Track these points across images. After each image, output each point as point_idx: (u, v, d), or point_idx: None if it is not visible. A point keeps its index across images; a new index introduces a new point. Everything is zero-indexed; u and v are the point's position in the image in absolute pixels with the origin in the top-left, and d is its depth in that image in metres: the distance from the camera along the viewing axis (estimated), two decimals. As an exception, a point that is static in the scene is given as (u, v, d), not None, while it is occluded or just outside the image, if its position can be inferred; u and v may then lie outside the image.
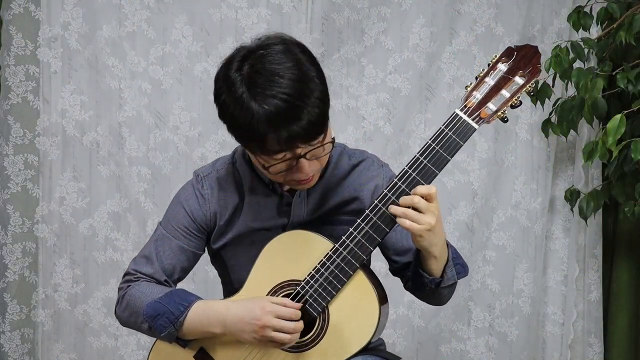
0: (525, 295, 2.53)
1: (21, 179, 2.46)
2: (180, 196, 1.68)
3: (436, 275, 1.54)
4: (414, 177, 1.45)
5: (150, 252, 1.65)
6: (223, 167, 1.67)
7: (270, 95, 1.38)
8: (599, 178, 2.44)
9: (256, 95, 1.38)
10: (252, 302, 1.51)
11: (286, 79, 1.38)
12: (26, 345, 2.51)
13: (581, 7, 2.29)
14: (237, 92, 1.41)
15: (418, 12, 2.47)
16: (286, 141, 1.40)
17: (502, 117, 1.46)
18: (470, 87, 1.47)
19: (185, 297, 1.58)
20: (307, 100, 1.39)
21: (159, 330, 1.56)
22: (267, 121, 1.38)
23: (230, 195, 1.64)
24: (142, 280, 1.64)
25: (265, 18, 2.47)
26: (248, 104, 1.39)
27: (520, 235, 2.52)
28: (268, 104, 1.37)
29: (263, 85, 1.38)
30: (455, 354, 2.56)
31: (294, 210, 1.60)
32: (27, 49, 2.43)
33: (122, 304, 1.63)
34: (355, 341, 1.51)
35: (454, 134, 1.44)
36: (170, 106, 2.48)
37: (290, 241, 1.56)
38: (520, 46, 1.47)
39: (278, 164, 1.45)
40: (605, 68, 2.24)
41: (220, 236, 1.65)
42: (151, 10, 2.46)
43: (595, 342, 2.49)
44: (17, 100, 2.44)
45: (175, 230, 1.64)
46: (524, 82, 1.44)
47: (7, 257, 2.46)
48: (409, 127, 2.51)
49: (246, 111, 1.39)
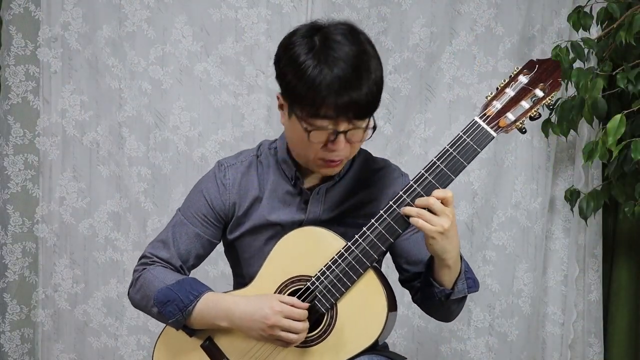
0: (525, 295, 2.53)
1: (21, 179, 2.47)
2: (201, 184, 1.71)
3: (447, 287, 1.54)
4: (429, 181, 1.48)
5: (167, 237, 1.69)
6: (247, 159, 1.69)
7: (339, 58, 1.43)
8: (599, 178, 2.44)
9: (325, 59, 1.43)
10: (262, 300, 1.53)
11: (352, 51, 1.45)
12: (26, 345, 2.51)
13: (581, 7, 2.29)
14: (302, 55, 1.45)
15: (418, 12, 2.47)
16: (342, 107, 1.44)
17: (521, 127, 1.50)
18: (490, 96, 1.50)
19: (196, 286, 1.60)
20: (369, 75, 1.45)
21: (167, 316, 1.58)
22: (333, 83, 1.42)
23: (250, 187, 1.66)
24: (157, 264, 1.67)
25: (265, 18, 2.47)
26: (315, 66, 1.44)
27: (520, 235, 2.52)
28: (338, 68, 1.43)
29: (331, 52, 1.44)
30: (455, 354, 2.56)
31: (311, 207, 1.62)
32: (27, 49, 2.43)
33: (136, 286, 1.67)
34: (362, 340, 1.51)
35: (472, 141, 1.48)
36: (170, 106, 2.48)
37: (303, 237, 1.57)
38: (542, 60, 1.50)
39: (320, 130, 1.47)
40: (605, 68, 2.24)
41: (237, 227, 1.67)
42: (151, 10, 2.46)
43: (595, 342, 2.49)
44: (17, 100, 2.44)
45: (193, 217, 1.67)
46: (544, 95, 1.48)
47: (7, 257, 2.46)
48: (409, 127, 2.51)
49: (315, 69, 1.43)
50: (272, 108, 2.50)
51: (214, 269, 2.46)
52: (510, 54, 2.48)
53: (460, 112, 2.50)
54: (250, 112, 2.50)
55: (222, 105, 2.49)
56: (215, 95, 2.49)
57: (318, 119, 1.46)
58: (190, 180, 2.47)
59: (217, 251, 1.80)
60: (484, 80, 2.49)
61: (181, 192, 2.48)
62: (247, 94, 2.49)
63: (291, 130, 1.55)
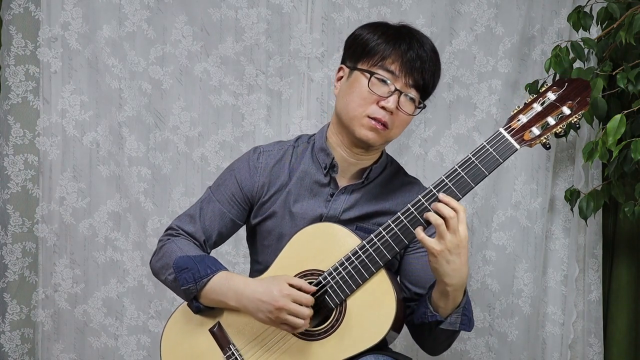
0: (525, 295, 2.53)
1: (21, 179, 2.47)
2: (233, 165, 1.77)
3: (440, 314, 1.55)
4: (449, 187, 1.50)
5: (195, 211, 1.75)
6: (283, 148, 1.75)
7: (411, 24, 1.69)
8: (599, 178, 2.44)
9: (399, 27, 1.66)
10: (271, 282, 1.55)
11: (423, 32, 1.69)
12: (26, 345, 2.51)
13: (581, 7, 2.29)
14: (376, 23, 1.68)
15: (418, 12, 2.47)
16: (408, 62, 1.59)
17: (545, 143, 1.52)
18: (517, 110, 1.52)
19: (215, 264, 1.64)
20: (437, 56, 1.68)
21: (182, 282, 1.61)
22: (402, 39, 1.61)
23: (281, 174, 1.71)
24: (182, 237, 1.72)
25: (265, 18, 2.47)
26: (389, 24, 1.66)
27: (520, 235, 2.52)
28: (409, 35, 1.63)
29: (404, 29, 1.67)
30: (455, 354, 2.56)
31: (333, 204, 1.66)
32: (27, 49, 2.43)
33: (159, 254, 1.71)
34: (368, 338, 1.52)
35: (495, 151, 1.50)
36: (170, 106, 2.48)
37: (320, 232, 1.60)
38: (572, 79, 1.52)
39: (381, 78, 1.59)
40: (605, 68, 2.24)
41: (260, 211, 1.72)
42: (151, 10, 2.46)
43: (595, 342, 2.49)
44: (17, 100, 2.44)
45: (222, 194, 1.73)
46: (571, 113, 1.50)
47: (7, 257, 2.46)
48: (408, 127, 2.50)
49: (387, 30, 1.64)
50: (272, 108, 2.50)
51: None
52: (510, 54, 2.48)
53: (460, 112, 2.50)
54: (250, 112, 2.50)
55: (222, 105, 2.49)
56: (215, 95, 2.49)
57: (383, 70, 1.58)
58: (190, 180, 2.48)
59: (217, 251, 1.81)
60: (484, 80, 2.49)
61: (181, 192, 2.48)
62: (247, 94, 2.49)
63: (350, 89, 1.63)
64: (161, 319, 2.50)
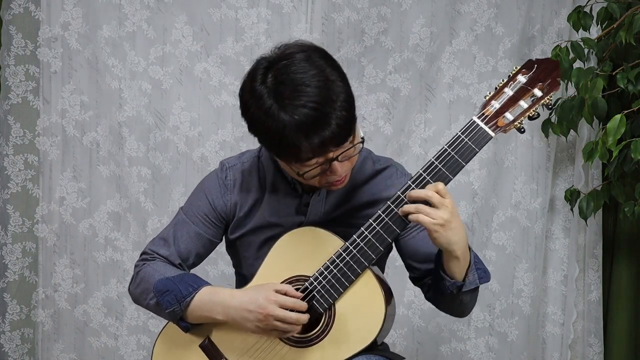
0: (525, 295, 2.53)
1: (21, 179, 2.47)
2: (204, 184, 1.72)
3: (458, 279, 1.53)
4: (428, 181, 1.48)
5: (168, 235, 1.69)
6: (249, 160, 1.69)
7: (299, 105, 1.40)
8: (599, 178, 2.44)
9: (285, 106, 1.40)
10: (257, 291, 1.53)
11: (312, 87, 1.41)
12: (26, 345, 2.51)
13: (581, 7, 2.29)
14: (265, 104, 1.42)
15: (418, 12, 2.47)
16: (319, 147, 1.42)
17: (519, 127, 1.49)
18: (489, 96, 1.49)
19: (196, 280, 1.60)
20: (334, 105, 1.41)
21: (165, 306, 1.58)
22: (299, 130, 1.40)
23: (252, 188, 1.66)
24: (157, 260, 1.67)
25: (265, 18, 2.47)
26: (278, 115, 1.41)
27: (520, 235, 2.52)
28: (298, 113, 1.39)
29: (290, 95, 1.41)
30: (455, 354, 2.56)
31: (312, 210, 1.62)
32: (27, 49, 2.43)
33: (136, 280, 1.67)
34: (360, 340, 1.52)
35: (470, 140, 1.47)
36: (170, 106, 2.48)
37: (302, 237, 1.58)
38: (540, 59, 1.50)
39: (312, 169, 1.48)
40: (605, 68, 2.24)
41: (238, 227, 1.68)
42: (151, 10, 2.46)
43: (595, 342, 2.49)
44: (17, 100, 2.44)
45: (195, 216, 1.68)
46: (542, 94, 1.48)
47: (7, 257, 2.46)
48: (409, 127, 2.51)
49: (277, 123, 1.41)
50: (272, 108, 2.50)
51: (214, 269, 2.46)
52: (510, 54, 2.48)
53: (460, 112, 2.49)
54: (250, 112, 2.49)
55: (222, 105, 2.49)
56: (215, 95, 2.49)
57: (304, 162, 1.46)
58: (190, 180, 2.47)
59: (217, 252, 1.80)
60: (484, 80, 2.49)
61: (181, 192, 2.48)
62: (247, 94, 2.49)
63: (287, 170, 1.56)
64: (161, 318, 2.50)
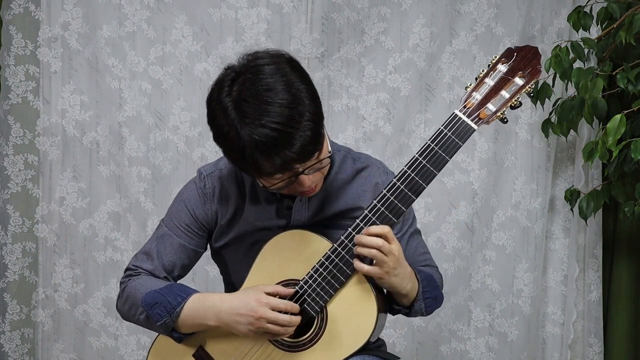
0: (525, 295, 2.53)
1: (21, 179, 2.47)
2: (182, 194, 1.68)
3: (404, 306, 1.58)
4: (412, 178, 1.45)
5: (151, 248, 1.66)
6: (226, 166, 1.65)
7: (260, 125, 1.35)
8: (599, 178, 2.44)
9: (246, 125, 1.37)
10: (247, 294, 1.52)
11: (276, 106, 1.36)
12: (26, 345, 2.51)
13: (581, 7, 2.29)
14: (229, 117, 1.39)
15: (418, 12, 2.47)
16: (281, 166, 1.39)
17: (502, 117, 1.46)
18: (470, 87, 1.46)
19: (184, 289, 1.58)
20: (298, 125, 1.37)
21: (155, 319, 1.55)
22: (259, 150, 1.37)
23: (231, 195, 1.63)
24: (142, 274, 1.65)
25: (265, 18, 2.46)
26: (240, 131, 1.37)
27: (520, 235, 2.52)
28: (258, 133, 1.36)
29: (252, 114, 1.36)
30: (455, 354, 2.56)
31: (295, 214, 1.60)
32: (27, 49, 2.43)
33: (123, 297, 1.64)
34: (353, 342, 1.51)
35: (453, 135, 1.44)
36: (170, 106, 2.48)
37: (289, 240, 1.56)
38: (520, 47, 1.46)
39: (278, 183, 1.45)
40: (605, 68, 2.24)
41: (222, 235, 1.65)
42: (151, 10, 2.46)
43: (595, 342, 2.49)
44: (17, 100, 2.44)
45: (177, 227, 1.65)
46: (523, 83, 1.44)
47: (7, 257, 2.46)
48: (409, 127, 2.51)
49: (238, 139, 1.38)
50: (272, 108, 2.50)
51: (214, 269, 2.46)
52: (510, 54, 2.48)
53: (460, 112, 2.49)
54: (250, 112, 2.49)
55: (222, 105, 2.49)
56: (215, 95, 2.48)
57: (268, 178, 1.44)
58: (190, 180, 2.47)
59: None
60: (484, 80, 2.49)
61: (181, 192, 2.48)
62: (247, 94, 2.49)
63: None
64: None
